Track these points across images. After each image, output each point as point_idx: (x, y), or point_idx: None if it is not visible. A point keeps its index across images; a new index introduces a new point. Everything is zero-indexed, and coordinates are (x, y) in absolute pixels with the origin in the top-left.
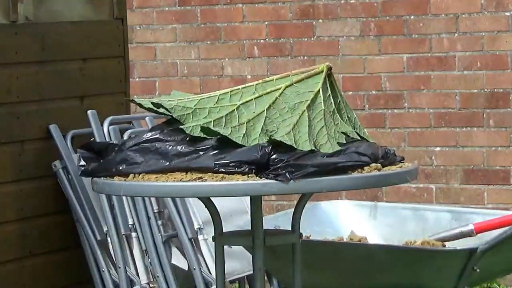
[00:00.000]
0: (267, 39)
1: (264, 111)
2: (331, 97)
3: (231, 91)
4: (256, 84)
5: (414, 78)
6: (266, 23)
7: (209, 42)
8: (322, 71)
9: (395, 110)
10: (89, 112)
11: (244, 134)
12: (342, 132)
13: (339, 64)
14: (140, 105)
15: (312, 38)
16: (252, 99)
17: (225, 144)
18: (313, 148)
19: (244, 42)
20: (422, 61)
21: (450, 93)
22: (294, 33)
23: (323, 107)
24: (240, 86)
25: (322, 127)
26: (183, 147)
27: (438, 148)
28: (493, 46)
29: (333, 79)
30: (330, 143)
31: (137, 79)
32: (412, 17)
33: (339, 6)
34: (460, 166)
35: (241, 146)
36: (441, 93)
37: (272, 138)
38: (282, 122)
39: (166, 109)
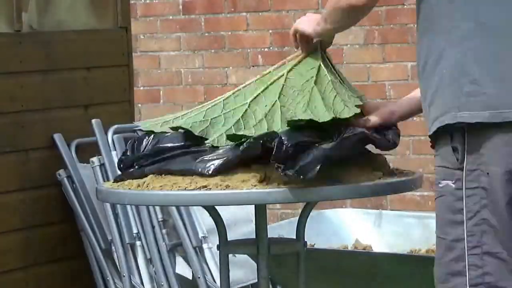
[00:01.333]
0: (271, 48)
1: (276, 100)
2: (333, 70)
3: (233, 93)
4: (255, 81)
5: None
6: (270, 31)
7: (213, 51)
8: (317, 48)
9: None
10: (93, 121)
11: (267, 129)
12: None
13: (343, 72)
14: (153, 132)
15: None
16: (259, 94)
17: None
18: (333, 116)
19: (248, 50)
20: None
21: None
22: None
23: (330, 78)
24: (240, 87)
25: (336, 95)
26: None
27: None
28: None
29: (327, 55)
30: (348, 107)
31: (141, 88)
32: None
33: None
34: None
35: None
36: None
37: (292, 120)
38: (296, 105)
39: (185, 129)
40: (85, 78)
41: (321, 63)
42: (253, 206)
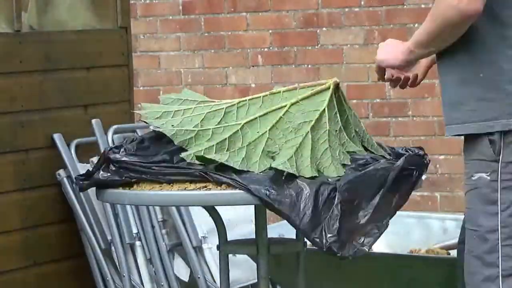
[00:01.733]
0: (271, 48)
1: (266, 131)
2: (337, 115)
3: (237, 103)
4: (263, 96)
5: (418, 86)
6: (270, 31)
7: (213, 51)
8: (329, 88)
9: (400, 118)
10: (93, 121)
11: (243, 158)
12: (348, 152)
13: (343, 73)
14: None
15: (316, 47)
16: (257, 118)
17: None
18: (315, 173)
19: (248, 50)
20: None
21: None
22: (298, 42)
23: (327, 127)
24: (247, 98)
25: (326, 149)
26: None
27: (442, 156)
28: None
29: (340, 93)
30: (334, 165)
31: (141, 88)
32: (416, 25)
33: (343, 15)
34: None
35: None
36: None
37: (273, 166)
38: (285, 143)
39: (169, 135)
40: (85, 78)
41: (326, 108)
42: (253, 206)
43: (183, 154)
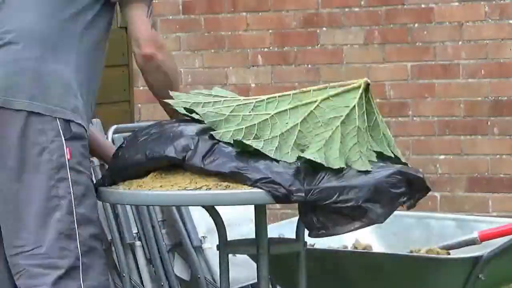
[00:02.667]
0: (271, 48)
1: (297, 124)
2: (365, 114)
3: (267, 99)
4: (293, 94)
5: (418, 86)
6: (270, 31)
7: (213, 51)
8: (360, 87)
9: (400, 118)
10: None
11: (276, 148)
12: (374, 151)
13: (343, 72)
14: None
15: (316, 46)
16: (286, 110)
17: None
18: (343, 165)
19: (248, 50)
20: (426, 69)
21: (455, 101)
22: (298, 41)
23: (357, 124)
24: (276, 95)
25: (355, 144)
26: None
27: (442, 156)
28: (497, 54)
29: (370, 95)
30: (361, 160)
31: (141, 88)
32: (416, 25)
33: (343, 14)
34: (465, 174)
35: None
36: (446, 101)
37: (302, 156)
38: (315, 136)
39: (199, 115)
40: None
41: (356, 105)
42: (253, 206)
43: (214, 133)
